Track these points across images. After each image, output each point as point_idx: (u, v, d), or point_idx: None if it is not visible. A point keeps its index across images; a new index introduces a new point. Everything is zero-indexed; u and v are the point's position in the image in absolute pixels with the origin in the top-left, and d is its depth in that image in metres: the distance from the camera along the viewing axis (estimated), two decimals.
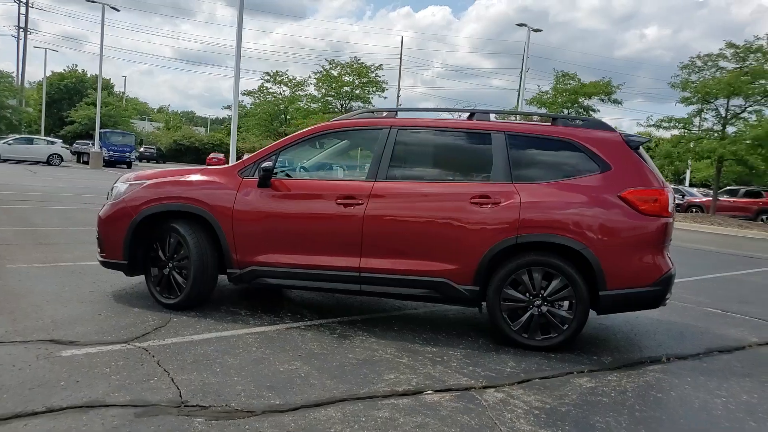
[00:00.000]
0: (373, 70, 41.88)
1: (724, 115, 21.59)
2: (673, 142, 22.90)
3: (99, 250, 5.02)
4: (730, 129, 21.76)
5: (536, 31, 33.58)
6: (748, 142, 20.25)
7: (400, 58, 53.62)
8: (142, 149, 48.63)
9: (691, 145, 21.92)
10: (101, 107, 34.09)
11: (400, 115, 4.85)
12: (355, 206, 4.44)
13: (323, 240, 4.52)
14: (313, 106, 42.81)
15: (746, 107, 21.22)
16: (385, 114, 4.84)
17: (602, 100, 28.36)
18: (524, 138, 4.48)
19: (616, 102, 28.18)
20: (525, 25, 33.23)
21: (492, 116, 4.75)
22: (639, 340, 4.82)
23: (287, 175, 4.77)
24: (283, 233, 4.57)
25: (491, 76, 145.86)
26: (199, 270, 4.61)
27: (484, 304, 4.43)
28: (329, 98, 42.35)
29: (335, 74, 41.30)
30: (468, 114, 4.81)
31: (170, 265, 4.73)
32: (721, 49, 21.55)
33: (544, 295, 4.21)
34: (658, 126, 23.13)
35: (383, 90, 44.24)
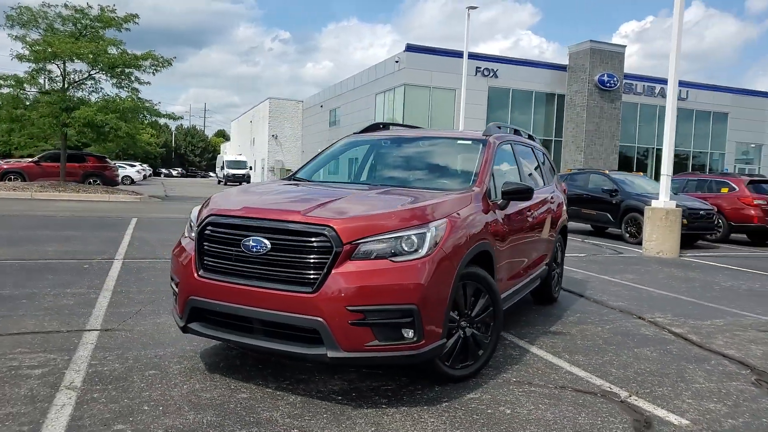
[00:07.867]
0: None
1: (64, 79, 20.87)
2: (12, 103, 20.34)
3: (385, 341, 3.03)
4: (78, 94, 21.42)
5: None
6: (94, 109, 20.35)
7: None
8: None
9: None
10: None
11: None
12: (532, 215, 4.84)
13: (527, 257, 4.78)
14: None
15: (92, 74, 21.28)
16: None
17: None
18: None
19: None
20: None
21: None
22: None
23: None
24: (513, 257, 4.38)
25: None
26: (503, 317, 3.76)
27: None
28: None
29: None
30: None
31: (464, 323, 3.49)
32: (48, 6, 20.35)
33: (557, 261, 6.07)
34: None
35: None
